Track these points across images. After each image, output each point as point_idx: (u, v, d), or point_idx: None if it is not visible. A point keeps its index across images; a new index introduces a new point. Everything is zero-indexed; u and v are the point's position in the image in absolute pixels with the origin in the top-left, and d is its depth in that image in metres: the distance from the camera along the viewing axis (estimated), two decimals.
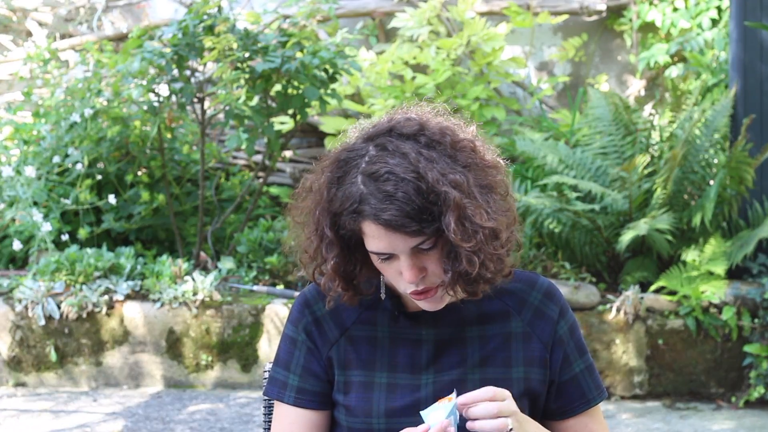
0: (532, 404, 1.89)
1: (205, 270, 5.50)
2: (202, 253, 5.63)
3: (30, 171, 5.43)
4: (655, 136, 5.64)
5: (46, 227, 5.30)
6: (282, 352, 1.92)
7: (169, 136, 5.97)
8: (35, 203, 5.50)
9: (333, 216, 1.76)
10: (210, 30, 5.10)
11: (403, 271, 1.75)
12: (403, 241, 1.73)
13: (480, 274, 1.75)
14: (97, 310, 5.13)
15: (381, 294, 1.88)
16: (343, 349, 1.88)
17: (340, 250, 1.78)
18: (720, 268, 5.08)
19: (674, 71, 6.66)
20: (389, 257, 1.76)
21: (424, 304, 1.80)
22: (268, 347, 5.12)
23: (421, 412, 1.71)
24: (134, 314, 5.15)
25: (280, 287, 5.31)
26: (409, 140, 1.76)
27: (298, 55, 5.14)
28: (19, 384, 5.22)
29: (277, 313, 5.11)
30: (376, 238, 1.74)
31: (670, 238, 5.17)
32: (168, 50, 5.11)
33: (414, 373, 1.85)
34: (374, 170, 1.73)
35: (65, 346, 5.17)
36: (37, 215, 5.30)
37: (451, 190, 1.71)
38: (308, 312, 1.90)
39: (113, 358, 5.18)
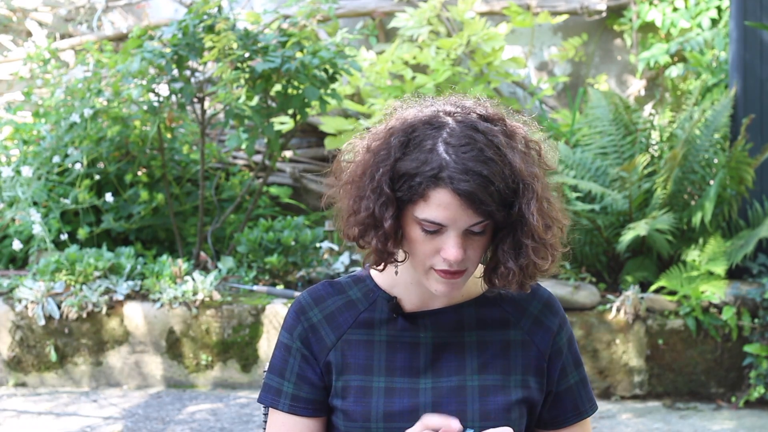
0: (529, 412, 1.88)
1: (205, 270, 5.50)
2: (202, 253, 5.63)
3: (28, 171, 5.43)
4: (655, 136, 5.64)
5: (37, 229, 5.30)
6: (276, 359, 1.91)
7: (169, 136, 5.97)
8: (35, 203, 5.50)
9: (399, 177, 1.75)
10: (210, 30, 5.10)
11: (448, 248, 1.74)
12: (467, 218, 1.73)
13: (541, 267, 1.78)
14: (97, 310, 5.13)
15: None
16: (340, 354, 1.86)
17: (396, 211, 1.77)
18: (720, 268, 5.08)
19: (674, 71, 6.66)
20: (437, 231, 1.75)
21: (444, 287, 1.78)
22: (268, 347, 5.12)
23: None
24: (134, 314, 5.15)
25: (280, 287, 5.31)
26: (491, 124, 1.78)
27: (298, 55, 5.14)
28: (19, 384, 5.22)
29: (277, 313, 5.11)
30: (441, 207, 1.73)
31: (670, 238, 5.17)
32: (168, 50, 5.11)
33: (412, 376, 1.84)
34: (460, 143, 1.74)
35: (65, 346, 5.17)
36: (35, 215, 5.30)
37: (534, 182, 1.75)
38: (303, 319, 1.89)
39: (113, 358, 5.18)
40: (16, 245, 5.39)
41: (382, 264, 1.81)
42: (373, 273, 1.90)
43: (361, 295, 1.89)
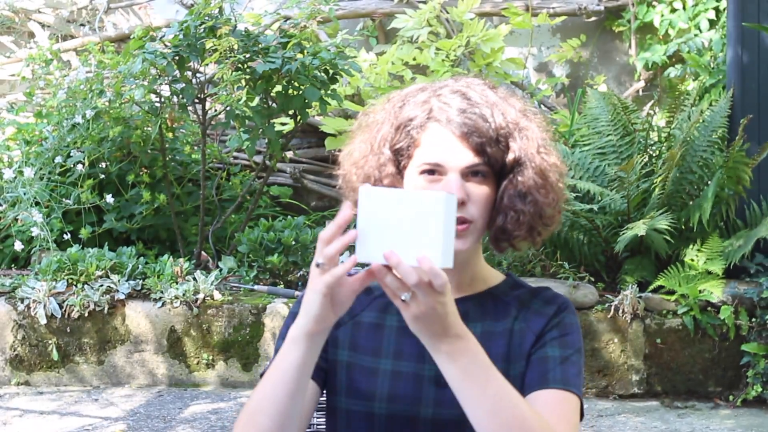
0: None
1: (206, 269, 5.52)
2: (203, 253, 5.66)
3: (30, 171, 5.45)
4: (654, 137, 5.67)
5: (36, 231, 5.33)
6: (285, 327, 1.90)
7: (170, 136, 5.99)
8: (37, 203, 5.53)
9: (396, 130, 1.83)
10: (211, 31, 5.12)
11: (447, 190, 1.77)
12: (464, 155, 1.79)
13: (547, 212, 1.83)
14: (98, 309, 5.16)
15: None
16: (350, 332, 1.88)
17: (395, 169, 1.84)
18: (718, 268, 5.09)
19: (672, 72, 6.69)
20: (438, 176, 1.80)
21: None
22: (269, 346, 5.15)
23: None
24: (136, 313, 5.18)
25: (281, 287, 5.33)
26: (486, 87, 1.87)
27: (299, 56, 5.16)
28: (22, 383, 5.24)
29: (278, 313, 5.14)
30: (436, 145, 1.80)
31: (668, 237, 5.19)
32: (169, 51, 5.13)
33: (418, 362, 1.86)
34: (454, 89, 1.83)
35: (67, 345, 5.20)
36: (37, 215, 5.33)
37: (530, 128, 1.84)
38: None
39: (115, 357, 5.21)
40: (17, 246, 5.41)
41: None
42: None
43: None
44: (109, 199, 5.58)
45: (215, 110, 5.80)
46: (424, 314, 1.59)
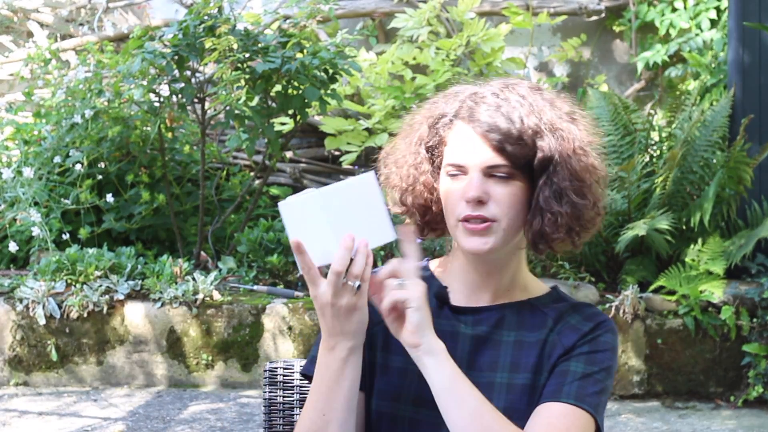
0: None
1: (206, 270, 5.51)
2: (203, 253, 5.65)
3: (28, 172, 5.44)
4: (654, 136, 5.66)
5: (36, 231, 5.32)
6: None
7: (169, 136, 5.98)
8: (36, 203, 5.52)
9: (430, 128, 1.84)
10: (210, 31, 5.11)
11: (467, 188, 1.77)
12: (484, 154, 1.77)
13: (586, 215, 1.82)
14: (97, 309, 5.15)
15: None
16: (383, 332, 1.83)
17: (430, 167, 1.85)
18: (719, 268, 5.09)
19: (673, 71, 6.68)
20: (460, 172, 1.79)
21: (471, 241, 1.79)
22: (268, 346, 5.14)
23: None
24: (135, 314, 5.17)
25: (281, 287, 5.32)
26: (534, 90, 1.84)
27: (299, 55, 5.15)
28: (21, 384, 5.24)
29: (277, 313, 5.13)
30: (459, 144, 1.79)
31: (669, 237, 5.18)
32: (168, 51, 5.12)
33: None
34: (491, 90, 1.81)
35: (66, 345, 5.19)
36: (36, 215, 5.32)
37: (566, 129, 1.80)
38: None
39: (114, 358, 5.20)
40: (12, 247, 5.40)
41: (422, 231, 1.88)
42: (431, 263, 1.93)
43: None
44: (109, 198, 5.57)
45: (214, 110, 5.79)
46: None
